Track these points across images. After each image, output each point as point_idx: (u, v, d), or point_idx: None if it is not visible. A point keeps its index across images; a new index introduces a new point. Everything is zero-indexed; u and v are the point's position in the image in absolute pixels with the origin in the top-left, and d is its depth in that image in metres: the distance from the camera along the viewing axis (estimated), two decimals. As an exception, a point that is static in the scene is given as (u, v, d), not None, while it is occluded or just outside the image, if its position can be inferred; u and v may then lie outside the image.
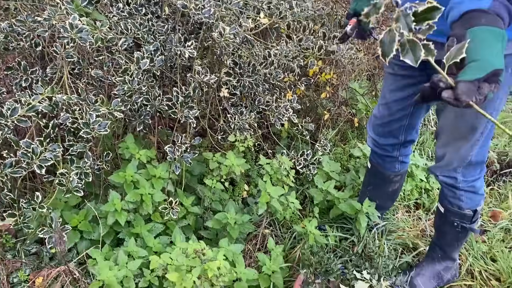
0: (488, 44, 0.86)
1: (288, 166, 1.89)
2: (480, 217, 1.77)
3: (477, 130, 1.46)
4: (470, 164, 1.58)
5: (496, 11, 0.90)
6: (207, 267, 1.20)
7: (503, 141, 3.04)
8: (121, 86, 1.67)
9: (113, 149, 1.96)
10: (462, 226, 1.73)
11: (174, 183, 1.92)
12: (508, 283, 1.94)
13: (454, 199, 1.70)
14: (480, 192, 1.69)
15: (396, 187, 1.99)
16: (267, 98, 2.16)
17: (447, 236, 1.80)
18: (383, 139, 1.85)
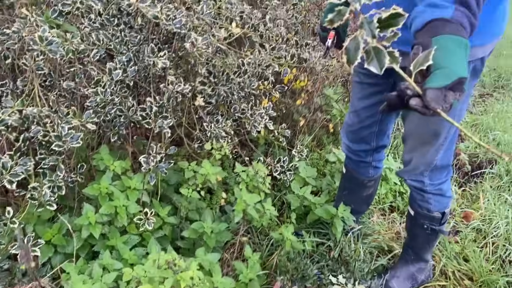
0: (452, 52, 0.87)
1: (264, 173, 1.91)
2: (448, 219, 1.82)
3: (440, 135, 1.51)
4: (436, 167, 1.63)
5: (459, 20, 0.92)
6: (180, 278, 1.20)
7: (473, 143, 3.12)
8: (93, 97, 1.67)
9: (88, 161, 1.94)
10: (432, 228, 1.78)
11: (150, 193, 1.91)
12: (480, 282, 1.99)
13: (422, 202, 1.74)
14: (448, 194, 1.74)
15: (370, 192, 2.02)
16: (243, 106, 2.18)
17: (418, 239, 1.85)
18: (356, 145, 1.88)
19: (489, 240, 2.22)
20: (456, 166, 2.80)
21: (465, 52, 0.89)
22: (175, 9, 1.78)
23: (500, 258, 2.14)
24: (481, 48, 1.35)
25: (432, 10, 0.94)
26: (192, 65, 2.12)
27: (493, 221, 2.33)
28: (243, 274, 1.64)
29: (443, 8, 0.92)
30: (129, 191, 1.73)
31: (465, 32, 0.91)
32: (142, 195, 1.78)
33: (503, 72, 4.64)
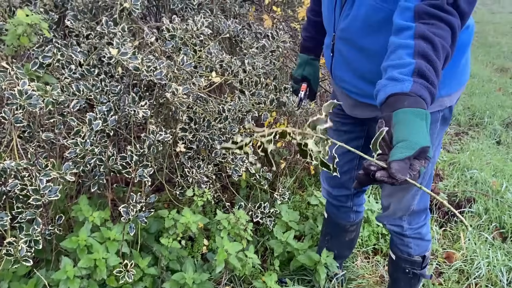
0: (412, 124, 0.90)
1: (245, 220, 1.90)
2: (430, 262, 1.83)
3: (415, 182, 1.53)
4: (414, 212, 1.66)
5: (417, 93, 0.94)
6: None
7: (452, 181, 3.18)
8: (73, 148, 1.66)
9: (66, 211, 1.90)
10: (414, 272, 1.78)
11: (130, 243, 1.88)
12: (466, 325, 1.98)
13: (403, 247, 1.76)
14: (427, 238, 1.76)
15: (353, 236, 2.03)
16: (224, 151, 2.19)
17: (400, 283, 1.85)
18: (336, 190, 1.90)
19: (472, 281, 2.22)
20: (436, 205, 2.84)
21: (425, 122, 0.92)
22: (155, 59, 1.81)
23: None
24: (448, 97, 1.43)
25: (392, 83, 0.97)
26: (173, 112, 2.14)
27: (475, 261, 2.35)
28: (226, 327, 1.60)
29: (402, 82, 0.96)
30: (109, 242, 1.70)
31: (424, 103, 0.94)
32: (122, 246, 1.74)
33: (477, 110, 4.79)
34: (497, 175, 3.30)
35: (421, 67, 0.96)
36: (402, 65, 0.98)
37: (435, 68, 0.97)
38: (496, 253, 2.40)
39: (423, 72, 0.96)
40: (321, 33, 1.63)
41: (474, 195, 2.98)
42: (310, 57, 1.80)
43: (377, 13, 1.22)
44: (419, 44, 0.98)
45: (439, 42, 0.98)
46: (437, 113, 1.44)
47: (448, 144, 3.97)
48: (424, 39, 0.99)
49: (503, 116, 4.64)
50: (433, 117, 1.42)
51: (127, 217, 1.71)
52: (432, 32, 0.99)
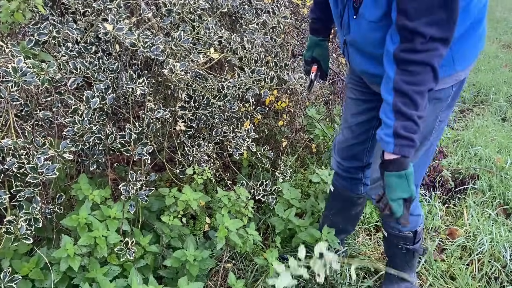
0: (395, 187, 1.28)
1: (246, 197, 1.89)
2: (422, 237, 1.82)
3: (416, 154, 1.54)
4: None
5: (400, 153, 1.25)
6: (159, 313, 1.17)
7: (456, 158, 3.16)
8: (71, 126, 1.64)
9: (67, 191, 1.90)
10: (406, 248, 1.78)
11: (131, 222, 1.88)
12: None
13: (392, 223, 1.75)
14: (416, 213, 1.75)
15: (358, 210, 2.02)
16: (224, 129, 2.17)
17: (396, 259, 1.85)
18: (347, 162, 1.89)
19: (474, 257, 2.22)
20: (439, 182, 2.82)
21: (406, 178, 1.27)
22: (153, 35, 1.78)
23: (486, 275, 2.13)
24: (463, 72, 1.43)
25: (382, 144, 1.29)
26: (172, 90, 2.11)
27: (478, 238, 2.34)
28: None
29: (387, 144, 1.26)
30: (109, 220, 1.70)
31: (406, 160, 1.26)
32: (122, 224, 1.74)
33: (482, 87, 4.73)
34: (501, 151, 3.27)
35: (397, 129, 1.22)
36: (387, 125, 1.26)
37: (412, 119, 1.21)
38: (500, 229, 2.39)
39: (400, 133, 1.22)
40: (327, 14, 1.63)
41: (478, 171, 2.95)
42: (319, 39, 1.82)
43: (376, 32, 1.33)
44: (395, 102, 1.22)
45: (413, 93, 1.19)
46: (450, 88, 1.44)
47: (452, 121, 3.92)
48: (400, 94, 1.21)
49: (509, 92, 4.58)
50: (447, 92, 1.45)
51: (127, 195, 1.70)
52: (407, 83, 1.20)
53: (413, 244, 1.78)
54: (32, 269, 1.58)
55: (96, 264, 1.65)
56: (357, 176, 1.92)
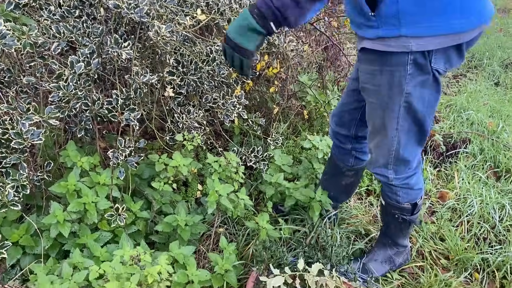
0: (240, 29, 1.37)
1: (236, 162, 1.88)
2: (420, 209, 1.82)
3: (387, 126, 1.51)
4: (398, 160, 1.60)
5: None
6: (147, 273, 1.17)
7: (448, 123, 3.15)
8: (56, 92, 1.61)
9: (56, 159, 1.88)
10: (403, 218, 1.78)
11: (122, 189, 1.87)
12: (456, 260, 2.01)
13: (391, 194, 1.74)
14: (416, 187, 1.72)
15: (349, 182, 2.00)
16: (214, 95, 2.14)
17: (391, 226, 1.85)
18: (338, 128, 1.88)
19: (464, 219, 2.24)
20: (431, 147, 2.82)
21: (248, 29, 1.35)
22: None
23: (475, 236, 2.16)
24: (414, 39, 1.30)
25: None
26: (159, 55, 2.07)
27: (468, 200, 2.36)
28: (218, 266, 1.62)
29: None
30: (98, 187, 1.69)
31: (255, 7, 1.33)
32: (112, 190, 1.73)
33: (476, 52, 4.69)
34: (493, 116, 3.27)
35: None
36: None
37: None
38: (490, 192, 2.41)
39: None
40: None
41: (469, 136, 2.96)
42: None
43: None
44: None
45: None
46: (402, 55, 1.34)
47: (445, 87, 3.90)
48: None
49: (503, 57, 4.55)
50: (399, 59, 1.35)
51: (116, 162, 1.69)
52: None
53: (410, 215, 1.78)
54: (22, 236, 1.58)
55: (86, 230, 1.65)
56: (346, 146, 1.90)
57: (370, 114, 1.57)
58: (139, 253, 1.23)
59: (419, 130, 1.53)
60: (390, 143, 1.55)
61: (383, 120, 1.51)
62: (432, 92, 1.43)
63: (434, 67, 1.36)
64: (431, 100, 1.46)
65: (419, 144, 1.60)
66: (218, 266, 1.61)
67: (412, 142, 1.56)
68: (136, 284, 1.15)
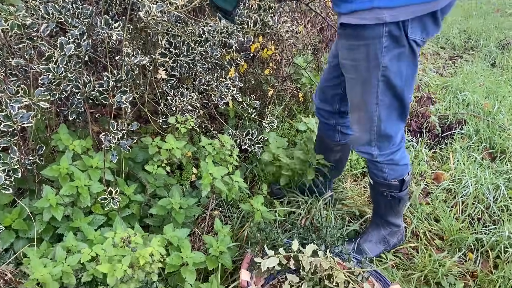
0: None
1: (230, 145, 1.87)
2: (409, 185, 1.82)
3: (367, 102, 1.53)
4: (381, 136, 1.62)
5: None
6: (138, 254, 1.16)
7: (444, 104, 3.14)
8: (45, 74, 1.58)
9: (48, 143, 1.86)
10: (391, 195, 1.78)
11: (115, 172, 1.86)
12: (450, 240, 2.02)
13: (377, 172, 1.75)
14: (402, 163, 1.73)
15: (338, 157, 2.01)
16: (208, 77, 2.12)
17: (381, 205, 1.86)
18: (321, 105, 1.88)
19: (458, 200, 2.25)
20: (427, 129, 2.82)
21: None
22: (127, -24, 1.69)
23: (469, 216, 2.17)
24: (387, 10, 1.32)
25: None
26: (151, 36, 2.04)
27: (463, 181, 2.36)
28: (213, 248, 1.61)
29: None
30: (91, 170, 1.67)
31: None
32: (104, 173, 1.72)
33: (473, 33, 4.65)
34: (489, 97, 3.26)
35: None
36: None
37: None
38: (484, 172, 2.41)
39: None
40: None
41: (465, 117, 2.95)
42: None
43: None
44: None
45: None
46: (377, 27, 1.35)
47: (441, 68, 3.88)
48: None
49: (500, 37, 4.52)
50: (374, 31, 1.36)
51: (108, 145, 1.67)
52: None
53: (398, 192, 1.78)
54: (15, 220, 1.57)
55: (80, 214, 1.64)
56: (330, 122, 1.91)
57: (350, 90, 1.59)
58: (130, 234, 1.23)
59: (400, 104, 1.55)
60: (371, 119, 1.57)
61: (362, 96, 1.53)
62: (409, 64, 1.45)
63: (411, 37, 1.37)
64: (408, 73, 1.48)
65: (401, 119, 1.62)
66: (213, 248, 1.61)
67: (394, 117, 1.58)
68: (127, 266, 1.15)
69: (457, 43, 4.44)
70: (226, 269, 1.68)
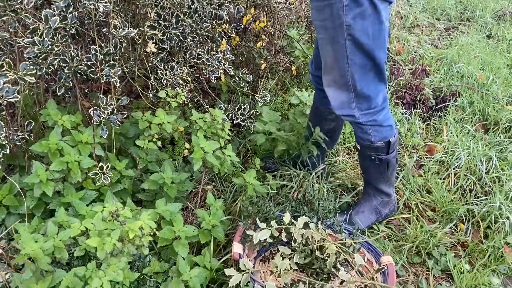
0: None
1: (221, 119, 1.85)
2: (396, 148, 1.83)
3: (338, 60, 1.58)
4: (359, 97, 1.65)
5: None
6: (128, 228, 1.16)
7: (438, 77, 3.12)
8: (31, 48, 1.55)
9: (37, 118, 1.84)
10: (379, 158, 1.79)
11: (106, 148, 1.84)
12: (442, 211, 2.04)
13: (363, 134, 1.77)
14: (386, 124, 1.75)
15: (332, 127, 2.02)
16: (199, 50, 2.08)
17: (370, 171, 1.87)
18: (316, 72, 1.89)
19: (451, 172, 2.26)
20: (420, 101, 2.80)
21: None
22: None
23: (462, 187, 2.18)
24: None
25: None
26: (139, 8, 1.99)
27: (456, 153, 2.36)
28: (205, 221, 1.62)
29: None
30: (81, 145, 1.66)
31: None
32: (95, 149, 1.70)
33: (469, 3, 4.59)
34: (484, 68, 3.23)
35: None
36: None
37: None
38: (477, 144, 2.42)
39: None
40: None
41: (459, 89, 2.93)
42: None
43: None
44: None
45: None
46: None
47: (436, 40, 3.84)
48: None
49: (496, 8, 4.46)
50: None
51: (98, 120, 1.65)
52: None
53: (386, 155, 1.79)
54: (6, 196, 1.56)
55: (71, 189, 1.63)
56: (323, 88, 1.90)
57: (322, 50, 1.65)
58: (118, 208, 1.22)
59: (373, 64, 1.59)
60: (345, 77, 1.61)
61: (333, 55, 1.59)
62: (374, 22, 1.51)
63: None
64: (375, 31, 1.53)
65: (379, 79, 1.65)
66: (205, 221, 1.62)
67: (370, 77, 1.62)
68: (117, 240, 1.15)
69: (453, 14, 4.38)
70: (219, 242, 1.69)
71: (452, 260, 1.83)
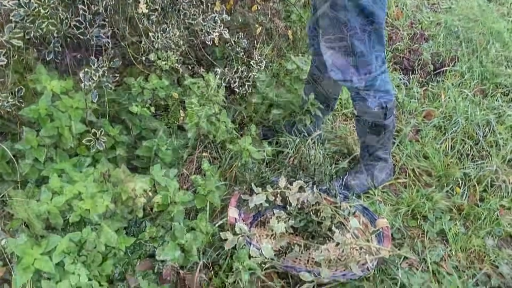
0: None
1: (215, 84, 1.82)
2: (394, 113, 1.83)
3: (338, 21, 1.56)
4: (357, 61, 1.62)
5: None
6: (120, 190, 1.15)
7: (437, 42, 3.06)
8: (17, 10, 1.50)
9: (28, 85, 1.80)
10: (376, 124, 1.78)
11: (100, 114, 1.81)
12: (438, 176, 2.03)
13: (359, 100, 1.76)
14: (383, 89, 1.73)
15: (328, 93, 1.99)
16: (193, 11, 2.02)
17: (367, 137, 1.86)
18: (310, 32, 1.88)
19: (448, 136, 2.24)
20: (419, 66, 2.76)
21: None
22: None
23: (458, 152, 2.17)
24: None
25: None
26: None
27: (453, 118, 2.34)
28: (201, 187, 1.61)
29: None
30: (71, 110, 1.62)
31: None
32: (87, 114, 1.67)
33: (470, -33, 4.47)
34: (484, 33, 3.17)
35: None
36: None
37: None
38: (475, 109, 2.39)
39: None
40: None
41: (458, 53, 2.88)
42: None
43: None
44: None
45: None
46: None
47: (436, 5, 3.75)
48: None
49: (497, -29, 4.35)
50: None
51: (88, 83, 1.61)
52: None
53: (383, 120, 1.78)
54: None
55: (64, 156, 1.61)
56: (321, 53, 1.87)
57: (320, 14, 1.62)
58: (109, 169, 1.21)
59: (373, 27, 1.56)
60: (343, 40, 1.58)
61: (332, 17, 1.55)
62: None
63: None
64: None
65: (377, 42, 1.62)
66: (201, 187, 1.61)
67: (369, 40, 1.59)
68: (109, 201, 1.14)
69: (453, -21, 4.27)
70: (215, 208, 1.69)
71: (448, 223, 1.83)
